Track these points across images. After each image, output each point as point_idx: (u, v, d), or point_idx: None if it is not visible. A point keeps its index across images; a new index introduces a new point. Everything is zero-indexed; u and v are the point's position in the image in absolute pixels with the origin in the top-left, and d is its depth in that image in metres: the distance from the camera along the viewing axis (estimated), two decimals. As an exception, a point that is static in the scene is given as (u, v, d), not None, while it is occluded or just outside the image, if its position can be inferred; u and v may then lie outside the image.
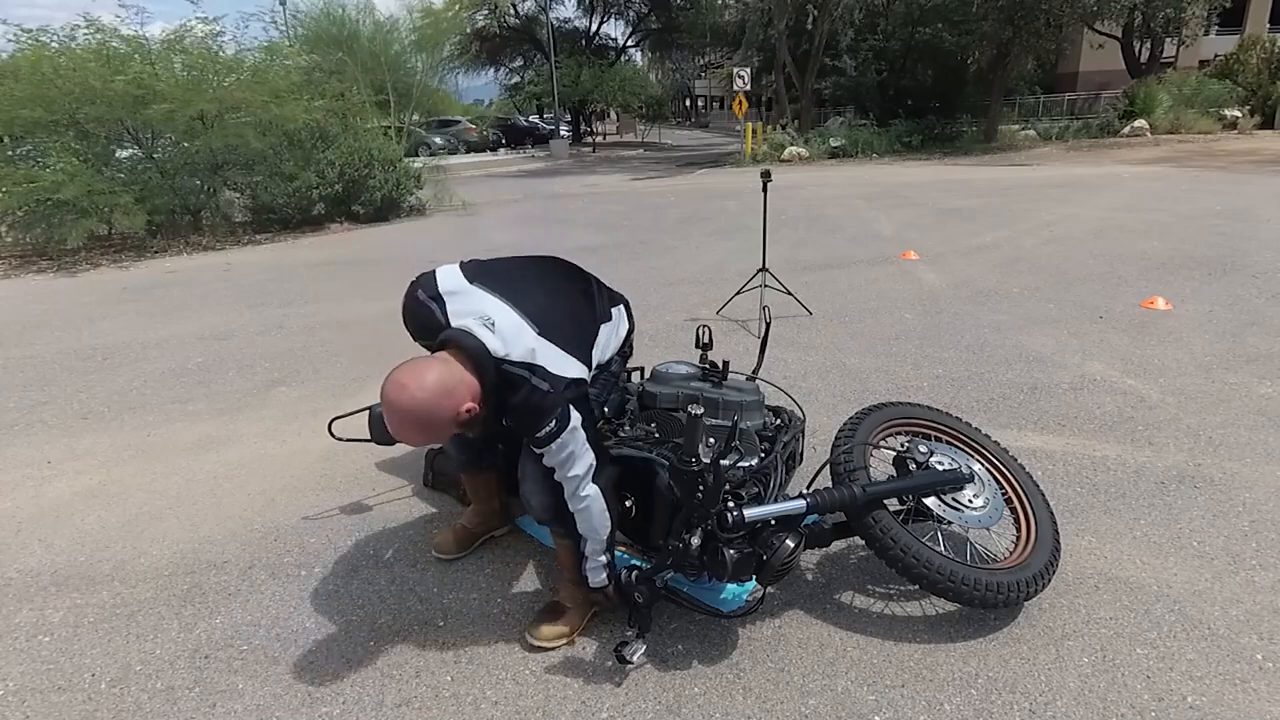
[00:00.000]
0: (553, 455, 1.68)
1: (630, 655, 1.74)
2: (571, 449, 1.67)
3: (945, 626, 1.91)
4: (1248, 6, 27.78)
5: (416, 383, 1.52)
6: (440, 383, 1.54)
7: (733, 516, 1.73)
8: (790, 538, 1.76)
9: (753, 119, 20.50)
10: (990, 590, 1.81)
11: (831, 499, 1.86)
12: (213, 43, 9.63)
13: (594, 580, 1.84)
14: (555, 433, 1.62)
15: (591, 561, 1.82)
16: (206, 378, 4.19)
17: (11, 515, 2.72)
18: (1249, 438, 2.88)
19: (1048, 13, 17.72)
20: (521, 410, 1.63)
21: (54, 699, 1.81)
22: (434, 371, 1.55)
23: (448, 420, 1.56)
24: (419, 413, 1.52)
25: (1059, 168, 14.00)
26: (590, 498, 1.72)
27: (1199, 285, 5.13)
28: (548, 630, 1.90)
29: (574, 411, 1.65)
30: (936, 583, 1.82)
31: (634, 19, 33.33)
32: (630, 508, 2.03)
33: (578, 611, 1.94)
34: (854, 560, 2.21)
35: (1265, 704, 1.63)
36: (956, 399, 3.37)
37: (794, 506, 1.82)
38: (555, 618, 1.92)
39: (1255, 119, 20.62)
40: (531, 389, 1.62)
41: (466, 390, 1.58)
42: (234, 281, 6.94)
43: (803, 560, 2.21)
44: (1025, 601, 1.92)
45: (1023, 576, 1.87)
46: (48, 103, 8.23)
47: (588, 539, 1.78)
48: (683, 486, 1.78)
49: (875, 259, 6.45)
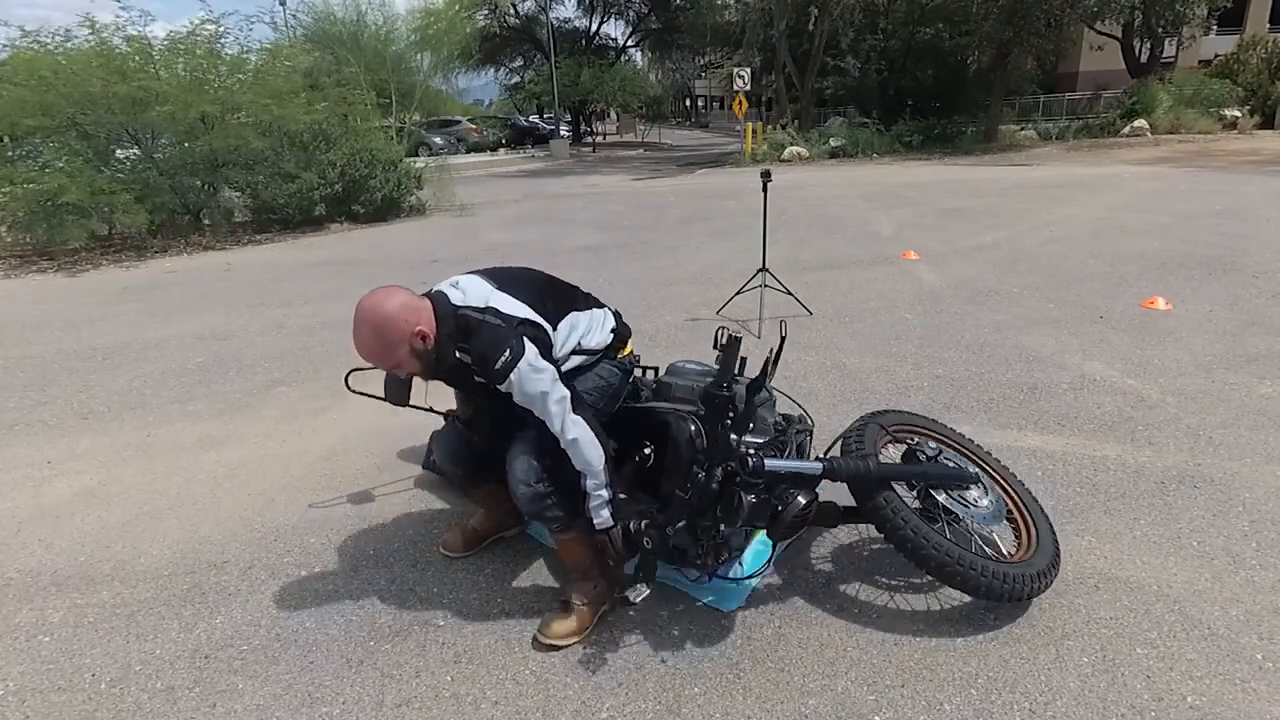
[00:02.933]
0: (521, 392, 1.78)
1: (634, 598, 1.77)
2: (535, 382, 1.77)
3: (945, 626, 1.91)
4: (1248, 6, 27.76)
5: (385, 296, 1.77)
6: (404, 304, 1.77)
7: (753, 461, 1.78)
8: (803, 494, 1.80)
9: (753, 119, 20.51)
10: (997, 579, 1.81)
11: (846, 466, 1.89)
12: (215, 44, 9.64)
13: (599, 521, 1.85)
14: (511, 362, 1.74)
15: (594, 499, 1.83)
16: (206, 378, 4.19)
17: (11, 515, 2.73)
18: (1249, 438, 2.88)
19: (1048, 13, 17.72)
20: (478, 346, 1.78)
21: (54, 699, 1.81)
22: (403, 295, 1.80)
23: (403, 334, 1.75)
24: (379, 319, 1.74)
25: (1059, 167, 14.00)
26: (578, 428, 1.80)
27: (1199, 285, 5.12)
28: (558, 628, 1.91)
29: (529, 344, 1.78)
30: (945, 566, 1.80)
31: (634, 19, 33.32)
32: (649, 455, 2.04)
33: (588, 610, 1.95)
34: (854, 561, 2.21)
35: (1265, 704, 1.63)
36: (956, 399, 3.37)
37: (810, 467, 1.89)
38: (565, 617, 1.94)
39: (1255, 119, 20.61)
40: (483, 323, 1.81)
41: (425, 319, 1.79)
42: (234, 281, 6.94)
43: (802, 560, 2.21)
44: (1028, 598, 1.91)
45: (1028, 571, 1.87)
46: (47, 108, 8.23)
47: (586, 474, 1.82)
48: (712, 412, 1.81)
49: (875, 259, 6.45)
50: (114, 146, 9.32)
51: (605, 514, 1.85)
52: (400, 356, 1.78)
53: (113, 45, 8.96)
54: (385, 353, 1.78)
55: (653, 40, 34.74)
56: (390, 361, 1.81)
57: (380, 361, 1.81)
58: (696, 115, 59.23)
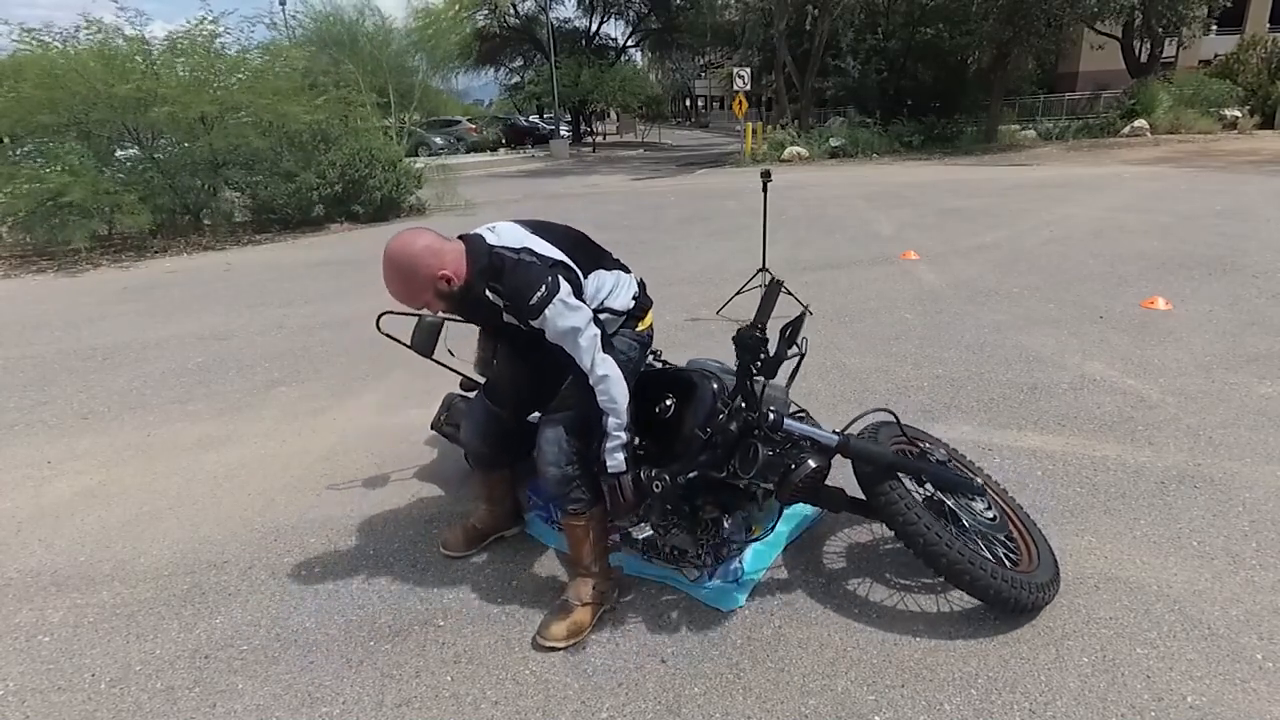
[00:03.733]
0: (554, 328, 1.81)
1: (638, 535, 1.79)
2: (569, 318, 1.81)
3: (945, 626, 1.91)
4: (1248, 6, 27.75)
5: (411, 239, 1.82)
6: (428, 246, 1.81)
7: (774, 415, 1.86)
8: (814, 459, 1.85)
9: (753, 119, 20.49)
10: (1006, 583, 1.81)
11: (861, 446, 1.92)
12: (215, 43, 9.65)
13: (612, 464, 1.86)
14: (546, 297, 1.78)
15: (612, 439, 1.85)
16: (206, 378, 4.19)
17: (11, 515, 2.73)
18: (1249, 438, 2.88)
19: (1048, 13, 17.71)
20: (513, 282, 1.81)
21: (54, 699, 1.81)
22: (428, 237, 1.83)
23: (427, 277, 1.79)
24: (404, 262, 1.79)
25: (1059, 167, 14.00)
26: (608, 365, 1.84)
27: (1199, 285, 5.12)
28: (557, 630, 1.91)
29: (563, 282, 1.81)
30: (955, 564, 1.79)
31: (634, 19, 33.31)
32: (670, 406, 2.08)
33: (587, 611, 1.96)
34: (854, 561, 2.21)
35: (1265, 704, 1.63)
36: (956, 399, 3.37)
37: (827, 436, 1.93)
38: (565, 617, 1.94)
39: (1255, 119, 20.61)
40: (518, 262, 1.83)
41: (452, 261, 1.82)
42: (234, 281, 6.94)
43: (802, 560, 2.21)
44: (1033, 609, 1.90)
45: (1034, 580, 1.88)
46: (54, 105, 8.25)
47: (610, 414, 1.84)
48: (745, 352, 1.86)
49: (875, 259, 6.45)
50: (114, 147, 9.32)
51: (620, 456, 1.86)
52: (426, 299, 1.84)
53: (113, 46, 8.96)
54: (411, 295, 1.84)
55: (653, 40, 34.73)
56: (417, 303, 1.86)
57: (407, 302, 1.86)
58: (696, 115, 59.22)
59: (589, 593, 1.97)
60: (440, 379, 4.02)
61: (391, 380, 4.01)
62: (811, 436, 1.93)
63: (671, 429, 2.06)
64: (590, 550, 1.99)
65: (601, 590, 2.00)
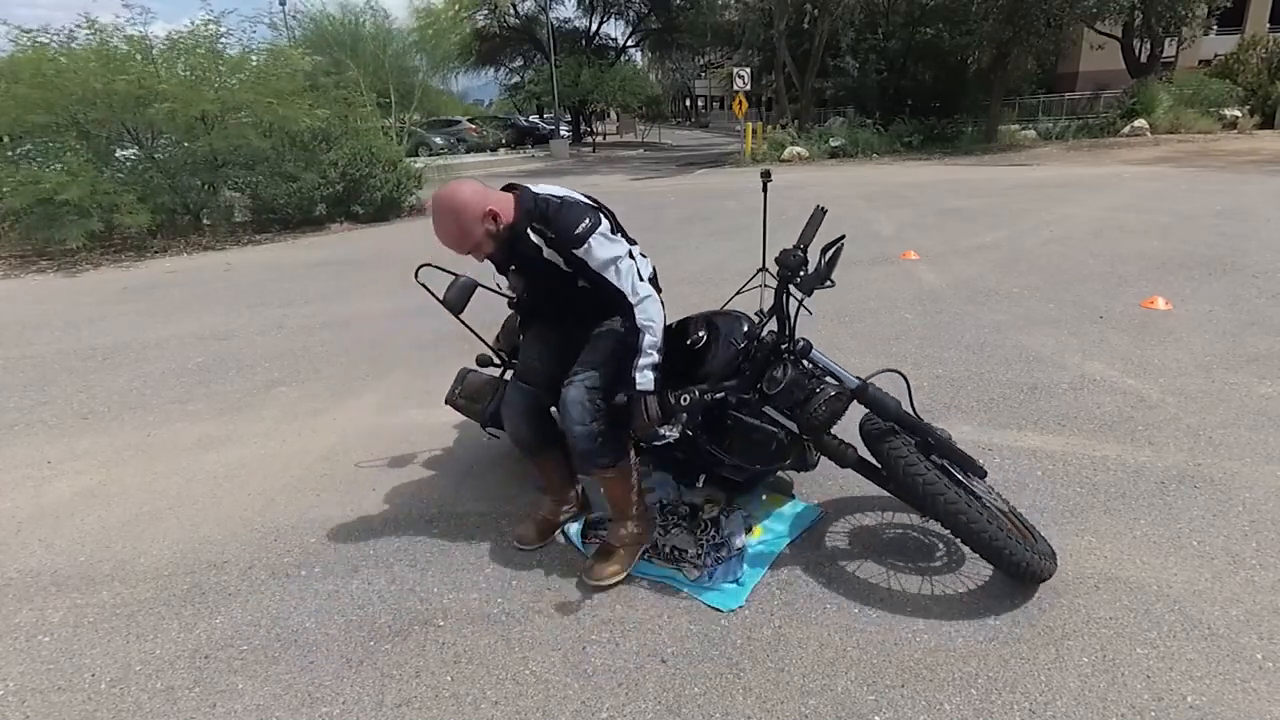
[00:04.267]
0: (596, 257, 1.97)
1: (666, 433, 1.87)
2: (610, 247, 1.98)
3: (945, 626, 1.91)
4: (1248, 6, 27.74)
5: (458, 186, 1.98)
6: (476, 189, 1.98)
7: (803, 342, 2.01)
8: (833, 390, 1.96)
9: (753, 119, 20.48)
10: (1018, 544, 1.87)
11: (878, 395, 2.02)
12: (215, 43, 9.65)
13: (641, 380, 1.96)
14: (590, 228, 1.96)
15: (645, 356, 1.96)
16: (206, 378, 4.19)
17: (11, 515, 2.73)
18: (1249, 438, 2.88)
19: (1047, 13, 17.71)
20: (559, 220, 1.98)
21: (54, 699, 1.81)
22: (473, 183, 2.00)
23: (476, 215, 1.94)
24: (456, 204, 1.93)
25: (1059, 167, 14.00)
26: (649, 289, 2.00)
27: (1199, 285, 5.12)
28: (601, 570, 2.11)
29: (603, 219, 2.01)
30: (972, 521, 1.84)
31: (634, 19, 33.30)
32: (702, 335, 2.20)
33: (626, 553, 2.15)
34: (854, 561, 2.21)
35: (1265, 704, 1.63)
36: (956, 399, 3.37)
37: (849, 378, 2.03)
38: (608, 558, 2.13)
39: (1255, 119, 20.59)
40: (563, 202, 2.02)
41: (498, 202, 1.98)
42: (234, 281, 6.94)
43: (803, 560, 2.21)
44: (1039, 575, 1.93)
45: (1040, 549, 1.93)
46: (50, 105, 8.24)
47: (646, 333, 1.97)
48: (785, 269, 1.97)
49: (875, 259, 6.45)
50: (114, 146, 9.32)
51: (649, 375, 1.96)
52: (478, 237, 1.96)
53: (113, 45, 8.96)
54: (464, 235, 1.95)
55: (653, 40, 34.73)
56: (469, 243, 1.97)
57: (460, 245, 1.97)
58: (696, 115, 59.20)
59: (629, 535, 2.16)
60: (440, 379, 4.02)
61: (391, 380, 4.01)
62: (835, 373, 2.04)
63: (701, 360, 2.15)
64: (625, 497, 2.16)
65: (639, 532, 2.18)
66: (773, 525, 2.38)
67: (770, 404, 2.04)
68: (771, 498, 2.53)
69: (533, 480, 2.72)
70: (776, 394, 1.97)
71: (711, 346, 2.15)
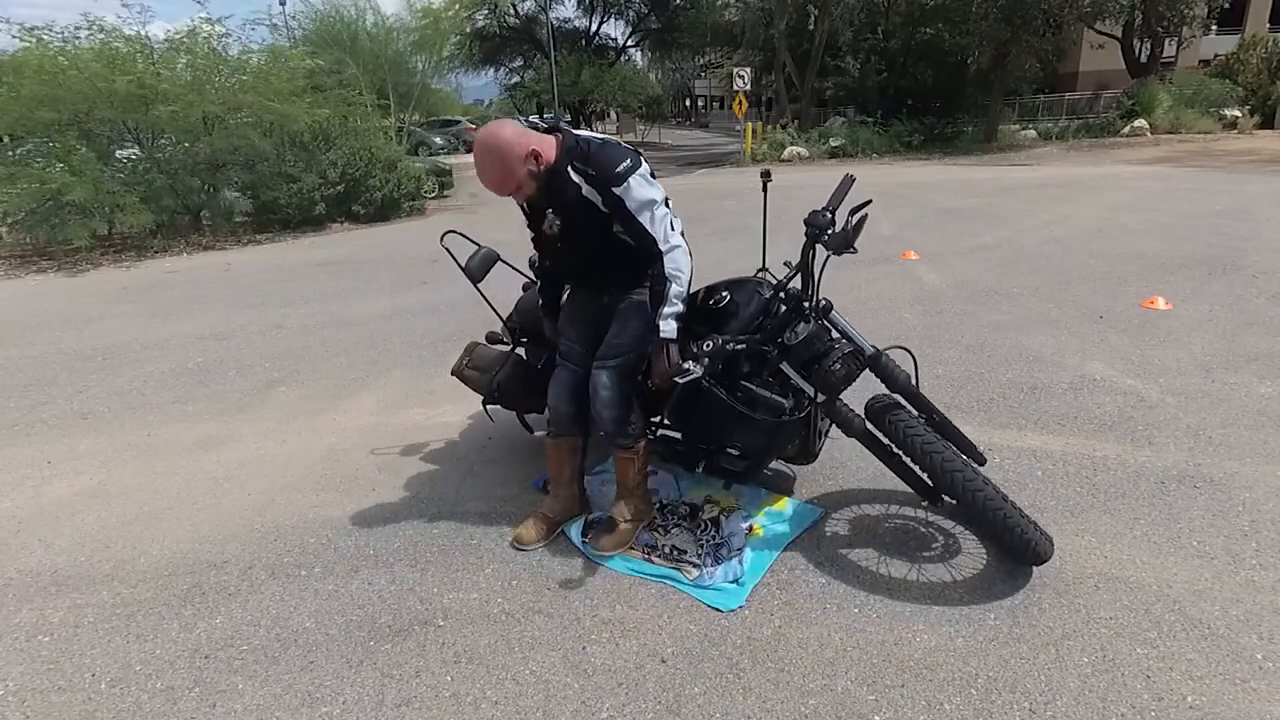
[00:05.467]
0: (635, 198, 2.00)
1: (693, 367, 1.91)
2: (649, 189, 2.02)
3: (945, 626, 1.91)
4: (1248, 6, 27.74)
5: (499, 126, 2.02)
6: (516, 129, 2.01)
7: (826, 301, 2.09)
8: (850, 348, 2.03)
9: (753, 119, 20.49)
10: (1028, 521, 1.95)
11: (890, 365, 2.11)
12: (217, 43, 9.65)
13: (665, 328, 2.04)
14: (631, 168, 2.00)
15: (670, 304, 2.04)
16: (206, 378, 4.19)
17: (11, 515, 2.73)
18: (1249, 438, 2.88)
19: (1047, 13, 17.71)
20: (601, 157, 2.01)
21: (54, 699, 1.81)
22: (514, 123, 2.05)
23: (518, 155, 1.97)
24: (499, 145, 1.96)
25: (1059, 167, 14.00)
26: (680, 239, 2.06)
27: (1199, 285, 5.12)
28: (608, 541, 2.26)
29: (644, 162, 2.06)
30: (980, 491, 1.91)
31: (634, 19, 33.31)
32: (725, 295, 2.29)
33: (630, 526, 2.30)
34: (854, 561, 2.21)
35: (1265, 704, 1.63)
36: (956, 399, 3.37)
37: (864, 343, 2.10)
38: (612, 531, 2.28)
39: (1255, 119, 20.62)
40: (604, 143, 2.07)
41: (539, 143, 2.01)
42: (234, 281, 6.94)
43: (802, 560, 2.21)
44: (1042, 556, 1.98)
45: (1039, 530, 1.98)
46: (54, 102, 8.25)
47: (674, 280, 2.04)
48: (812, 228, 2.04)
49: (875, 259, 6.45)
50: (114, 147, 9.32)
51: (672, 324, 2.04)
52: (520, 177, 1.99)
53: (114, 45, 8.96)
54: (507, 176, 1.99)
55: (653, 40, 34.72)
56: (512, 183, 2.00)
57: (503, 186, 2.01)
58: (696, 115, 59.17)
59: (633, 511, 2.31)
60: (441, 379, 4.02)
61: (391, 380, 4.01)
62: (852, 337, 2.10)
63: (725, 317, 2.24)
64: (635, 476, 2.31)
65: (642, 509, 2.35)
66: (773, 525, 2.38)
67: (789, 358, 2.09)
68: (771, 498, 2.54)
69: (533, 483, 2.73)
70: (797, 345, 2.03)
71: (734, 305, 2.25)
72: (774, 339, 2.08)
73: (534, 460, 2.93)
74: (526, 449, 3.05)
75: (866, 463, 2.77)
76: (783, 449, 2.39)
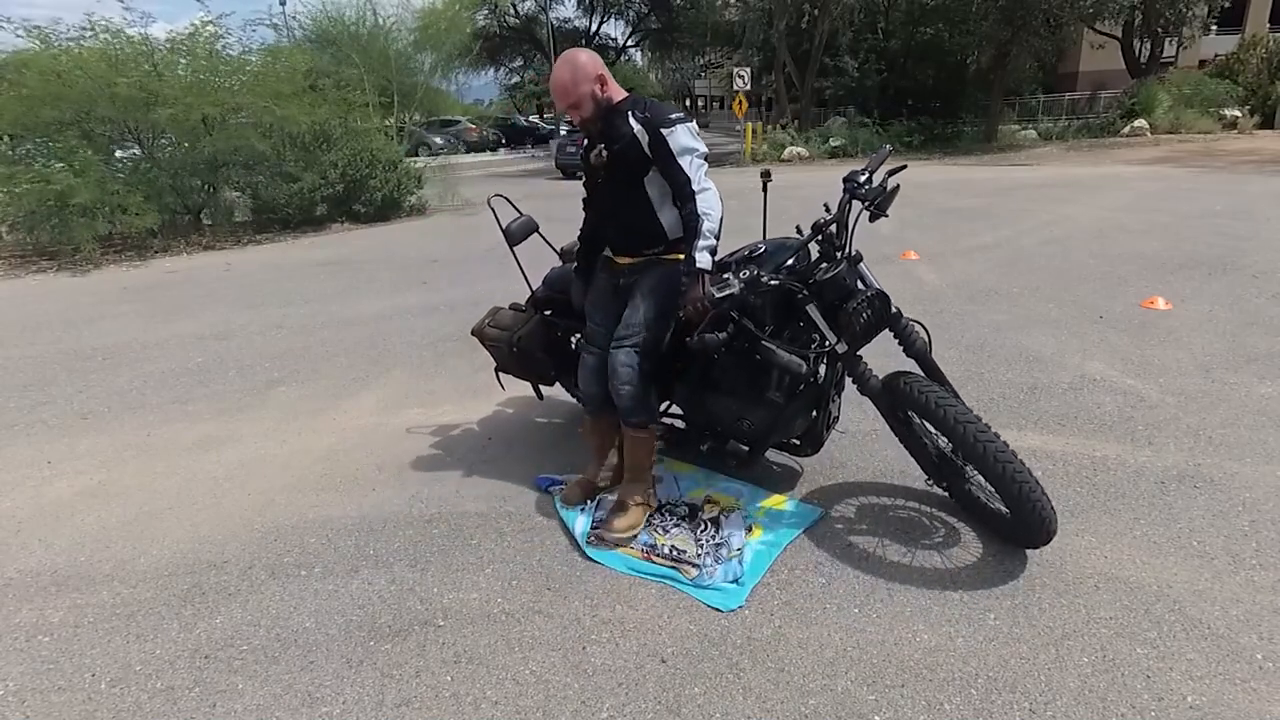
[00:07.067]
0: (679, 143, 2.15)
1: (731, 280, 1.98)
2: (693, 140, 2.17)
3: (945, 626, 1.91)
4: (1248, 6, 27.74)
5: (578, 50, 2.25)
6: (591, 56, 2.24)
7: (857, 250, 2.21)
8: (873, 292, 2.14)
9: (753, 119, 20.47)
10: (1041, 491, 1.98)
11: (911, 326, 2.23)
12: (216, 44, 9.65)
13: (701, 260, 2.11)
14: (684, 117, 2.18)
15: (704, 240, 2.11)
16: (206, 378, 4.19)
17: (11, 515, 2.73)
18: (1249, 438, 2.88)
19: (1047, 13, 17.71)
20: (658, 109, 2.21)
21: (54, 699, 1.81)
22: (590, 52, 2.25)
23: (588, 75, 2.19)
24: (575, 62, 2.19)
25: (1059, 167, 14.00)
26: (711, 181, 2.18)
27: (1199, 285, 5.12)
28: (619, 524, 2.32)
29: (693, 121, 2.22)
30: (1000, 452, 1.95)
31: (634, 19, 33.32)
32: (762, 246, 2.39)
33: (639, 509, 2.38)
34: (854, 561, 2.21)
35: (1265, 704, 1.63)
36: (956, 399, 3.37)
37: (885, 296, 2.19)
38: (622, 513, 2.35)
39: (1255, 119, 20.60)
40: (663, 102, 2.35)
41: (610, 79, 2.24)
42: (234, 281, 6.94)
43: (802, 560, 2.21)
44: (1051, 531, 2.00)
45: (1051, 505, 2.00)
46: (58, 101, 8.25)
47: (706, 219, 2.12)
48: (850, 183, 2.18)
49: (875, 259, 6.39)
50: (114, 147, 9.32)
51: (707, 257, 2.12)
52: (582, 94, 2.19)
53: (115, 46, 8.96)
54: (573, 85, 2.19)
55: (653, 40, 34.73)
56: (574, 95, 2.19)
57: (566, 95, 2.19)
58: (696, 115, 59.10)
59: (643, 493, 2.40)
60: (441, 379, 4.02)
61: (391, 380, 4.01)
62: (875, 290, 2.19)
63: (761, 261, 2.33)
64: (645, 459, 2.41)
65: (650, 492, 2.46)
66: (773, 525, 2.38)
67: (819, 300, 2.14)
68: (772, 498, 2.54)
69: (540, 479, 2.75)
70: (826, 281, 2.12)
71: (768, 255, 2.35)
72: (805, 280, 2.16)
73: (534, 460, 2.93)
74: (526, 449, 3.05)
75: (867, 462, 2.78)
76: (790, 426, 2.38)
